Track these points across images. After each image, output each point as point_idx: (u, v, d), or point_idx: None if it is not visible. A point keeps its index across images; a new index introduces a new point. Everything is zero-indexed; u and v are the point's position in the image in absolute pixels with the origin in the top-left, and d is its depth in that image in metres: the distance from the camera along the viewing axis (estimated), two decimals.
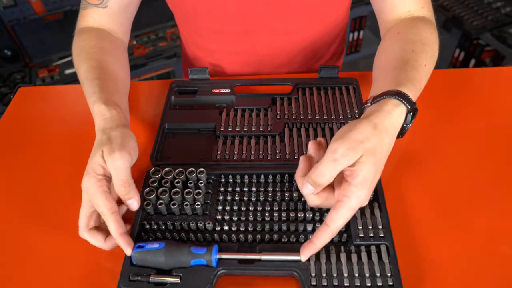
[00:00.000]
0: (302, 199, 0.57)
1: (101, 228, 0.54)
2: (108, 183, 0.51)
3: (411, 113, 0.49)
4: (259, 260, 0.50)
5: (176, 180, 0.58)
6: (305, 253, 0.48)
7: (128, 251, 0.50)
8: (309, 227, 0.54)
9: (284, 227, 0.54)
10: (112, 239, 0.52)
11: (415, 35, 0.60)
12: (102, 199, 0.49)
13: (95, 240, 0.53)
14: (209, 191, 0.59)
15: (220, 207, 0.57)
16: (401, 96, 0.48)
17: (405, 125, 0.50)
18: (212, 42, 0.82)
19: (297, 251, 0.51)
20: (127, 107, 0.64)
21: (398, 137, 0.51)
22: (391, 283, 0.48)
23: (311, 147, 0.51)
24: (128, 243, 0.50)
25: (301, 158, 0.50)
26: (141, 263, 0.50)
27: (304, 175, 0.48)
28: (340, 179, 0.48)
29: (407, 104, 0.48)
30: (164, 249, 0.50)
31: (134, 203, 0.52)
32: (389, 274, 0.49)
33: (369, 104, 0.51)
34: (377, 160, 0.45)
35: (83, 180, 0.51)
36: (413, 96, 0.50)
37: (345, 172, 0.46)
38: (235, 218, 0.56)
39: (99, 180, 0.50)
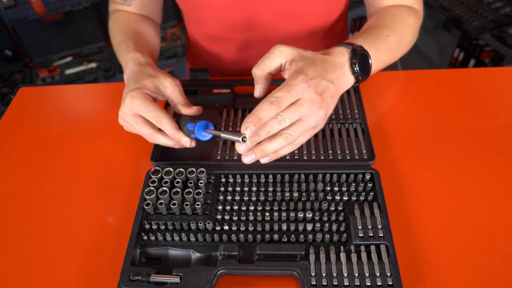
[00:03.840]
0: (302, 199, 0.57)
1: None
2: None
3: (355, 52, 0.54)
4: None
5: (176, 180, 0.58)
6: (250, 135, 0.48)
7: (188, 142, 0.57)
8: (309, 227, 0.54)
9: (284, 227, 0.54)
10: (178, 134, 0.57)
11: (390, 13, 0.65)
12: (153, 106, 0.56)
13: (166, 137, 0.57)
14: (209, 191, 0.59)
15: (220, 207, 0.57)
16: (346, 44, 0.56)
17: (353, 61, 0.54)
18: (217, 48, 0.82)
19: (296, 251, 0.51)
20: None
21: (358, 78, 0.55)
22: (391, 283, 0.48)
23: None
24: (184, 135, 0.56)
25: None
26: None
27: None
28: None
29: (347, 46, 0.55)
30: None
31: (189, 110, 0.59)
32: (388, 274, 0.49)
33: None
34: (309, 63, 0.51)
35: (127, 100, 0.56)
36: (364, 45, 0.56)
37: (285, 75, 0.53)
38: (235, 218, 0.56)
39: (147, 94, 0.57)
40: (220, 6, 0.72)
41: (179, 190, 0.57)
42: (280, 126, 0.48)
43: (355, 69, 0.54)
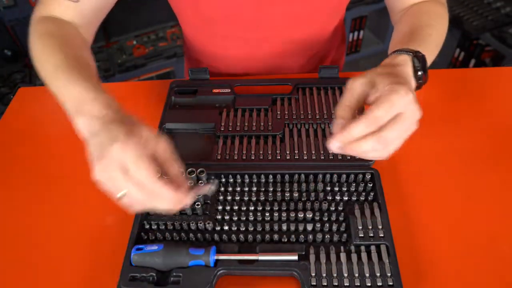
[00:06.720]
0: (302, 199, 0.57)
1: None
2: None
3: (416, 58, 0.51)
4: (258, 260, 0.50)
5: None
6: (338, 138, 0.44)
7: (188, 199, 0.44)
8: (309, 227, 0.54)
9: (284, 227, 0.54)
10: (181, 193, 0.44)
11: (423, 11, 0.65)
12: (150, 163, 0.42)
13: (166, 190, 0.42)
14: None
15: (220, 207, 0.57)
16: (399, 49, 0.53)
17: (417, 68, 0.51)
18: (225, 48, 0.82)
19: (296, 251, 0.51)
20: None
21: (420, 83, 0.52)
22: (391, 283, 0.48)
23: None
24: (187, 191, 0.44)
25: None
26: (140, 264, 0.50)
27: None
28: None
29: (408, 52, 0.52)
30: (163, 250, 0.50)
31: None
32: (389, 274, 0.49)
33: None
34: (395, 77, 0.47)
35: (114, 148, 0.41)
36: (417, 48, 0.53)
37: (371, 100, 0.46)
38: (235, 218, 0.56)
39: (141, 144, 0.42)
40: (234, 3, 0.72)
41: None
42: (379, 147, 0.44)
43: (419, 74, 0.51)
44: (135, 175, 0.41)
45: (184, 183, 0.45)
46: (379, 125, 0.43)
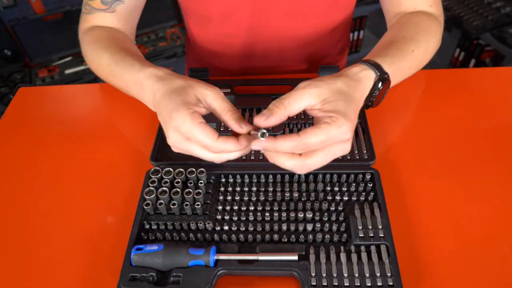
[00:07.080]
0: (302, 199, 0.57)
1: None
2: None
3: (381, 80, 0.51)
4: (258, 260, 0.50)
5: (176, 180, 0.58)
6: (256, 144, 0.45)
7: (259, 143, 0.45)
8: (309, 227, 0.54)
9: (284, 227, 0.54)
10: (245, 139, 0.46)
11: (412, 23, 0.63)
12: (203, 129, 0.45)
13: (230, 144, 0.45)
14: (209, 191, 0.59)
15: (220, 207, 0.57)
16: (371, 63, 0.51)
17: (375, 91, 0.51)
18: (221, 47, 0.82)
19: (296, 251, 0.51)
20: None
21: (368, 105, 0.53)
22: (391, 283, 0.48)
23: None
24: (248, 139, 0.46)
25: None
26: (140, 264, 0.50)
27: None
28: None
29: (376, 70, 0.51)
30: (163, 250, 0.50)
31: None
32: (389, 274, 0.49)
33: None
34: (348, 100, 0.46)
35: (171, 124, 0.46)
36: (389, 68, 0.52)
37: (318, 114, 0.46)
38: (235, 218, 0.56)
39: (193, 112, 0.46)
40: (230, 2, 0.72)
41: (179, 190, 0.57)
42: (298, 169, 0.45)
43: (372, 97, 0.51)
44: (197, 142, 0.46)
45: (246, 126, 0.47)
46: (307, 150, 0.44)
